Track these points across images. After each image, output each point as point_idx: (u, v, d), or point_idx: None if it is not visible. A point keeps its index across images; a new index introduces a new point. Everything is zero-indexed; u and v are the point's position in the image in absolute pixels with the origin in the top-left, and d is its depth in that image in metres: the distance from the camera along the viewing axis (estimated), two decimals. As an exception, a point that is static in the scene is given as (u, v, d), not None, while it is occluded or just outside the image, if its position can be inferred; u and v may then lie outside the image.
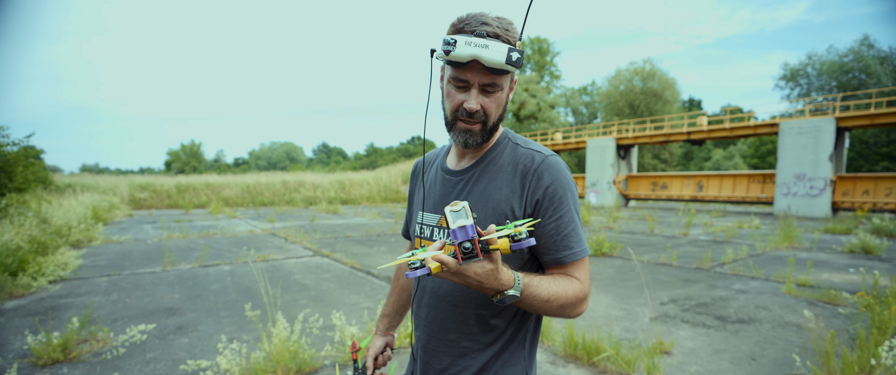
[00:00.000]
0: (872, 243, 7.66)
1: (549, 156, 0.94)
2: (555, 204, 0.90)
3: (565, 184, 0.92)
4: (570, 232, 0.91)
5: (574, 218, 0.92)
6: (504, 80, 0.90)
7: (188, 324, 3.88)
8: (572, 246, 0.90)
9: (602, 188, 24.25)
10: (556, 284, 0.88)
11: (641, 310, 4.29)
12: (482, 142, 0.94)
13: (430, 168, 1.11)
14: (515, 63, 0.83)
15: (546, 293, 0.85)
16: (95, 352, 3.19)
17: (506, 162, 0.96)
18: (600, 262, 6.85)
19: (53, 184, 16.19)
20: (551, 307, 0.86)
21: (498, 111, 0.92)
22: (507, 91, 0.93)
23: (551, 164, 0.93)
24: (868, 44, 33.37)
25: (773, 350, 3.26)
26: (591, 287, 5.24)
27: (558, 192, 0.91)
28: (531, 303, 0.85)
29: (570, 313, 0.91)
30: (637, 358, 2.80)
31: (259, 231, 11.17)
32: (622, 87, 40.12)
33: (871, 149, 32.16)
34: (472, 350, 0.96)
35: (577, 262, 0.92)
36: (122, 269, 6.26)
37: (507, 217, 0.92)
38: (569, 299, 0.88)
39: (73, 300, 4.64)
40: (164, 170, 60.90)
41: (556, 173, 0.92)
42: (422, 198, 1.06)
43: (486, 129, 0.93)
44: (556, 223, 0.90)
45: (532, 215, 0.91)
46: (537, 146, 0.98)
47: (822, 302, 4.55)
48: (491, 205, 0.94)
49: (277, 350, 2.80)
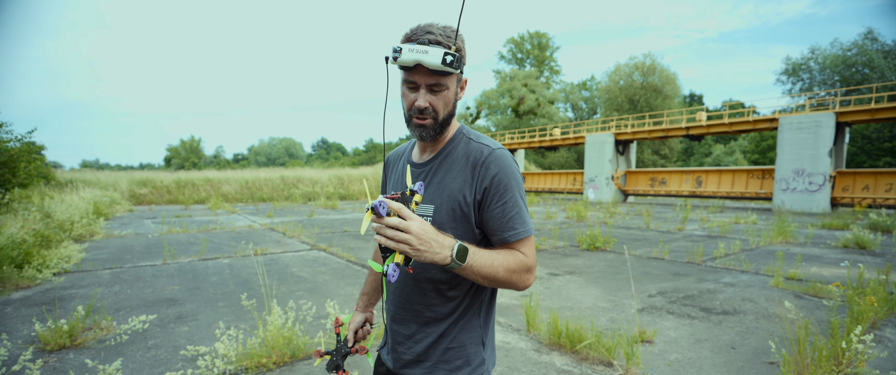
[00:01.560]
0: (866, 238, 7.73)
1: (497, 149, 1.07)
2: (500, 190, 1.03)
3: (509, 174, 1.04)
4: (514, 216, 1.03)
5: (518, 202, 1.04)
6: (449, 81, 1.02)
7: (188, 314, 4.00)
8: (516, 226, 1.03)
9: (600, 184, 24.32)
10: (498, 255, 1.00)
11: (629, 302, 4.40)
12: (435, 135, 1.07)
13: (400, 160, 1.25)
14: (450, 65, 0.95)
15: (489, 260, 0.97)
16: (100, 339, 3.31)
17: (459, 155, 1.09)
18: (593, 256, 6.96)
19: (55, 180, 16.33)
20: (497, 271, 0.97)
21: (446, 108, 1.05)
22: (456, 89, 1.06)
23: (498, 157, 1.05)
24: (872, 37, 33.20)
25: (753, 340, 3.36)
26: (581, 279, 5.37)
27: (503, 181, 1.03)
28: (478, 264, 0.95)
29: (517, 281, 1.01)
30: (617, 346, 2.91)
31: (258, 226, 11.30)
32: (622, 82, 40.05)
33: (874, 144, 32.10)
34: (433, 319, 1.10)
35: (522, 241, 1.04)
36: (124, 262, 6.38)
37: (460, 203, 1.05)
38: (511, 270, 0.99)
39: (77, 291, 4.76)
40: (164, 165, 61.09)
41: (502, 164, 1.04)
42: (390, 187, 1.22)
43: (437, 123, 1.05)
44: (501, 207, 1.03)
45: (480, 201, 1.04)
46: (487, 140, 1.10)
47: (808, 294, 4.65)
48: (446, 193, 1.07)
49: (272, 337, 2.92)
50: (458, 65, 0.98)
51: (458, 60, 0.97)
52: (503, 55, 48.38)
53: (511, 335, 3.49)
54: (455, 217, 1.05)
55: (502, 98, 42.91)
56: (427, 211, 1.08)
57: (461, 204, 1.05)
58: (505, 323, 3.76)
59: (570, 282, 5.24)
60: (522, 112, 41.82)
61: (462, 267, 0.92)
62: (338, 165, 42.74)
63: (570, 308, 4.19)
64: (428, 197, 1.09)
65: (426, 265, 1.06)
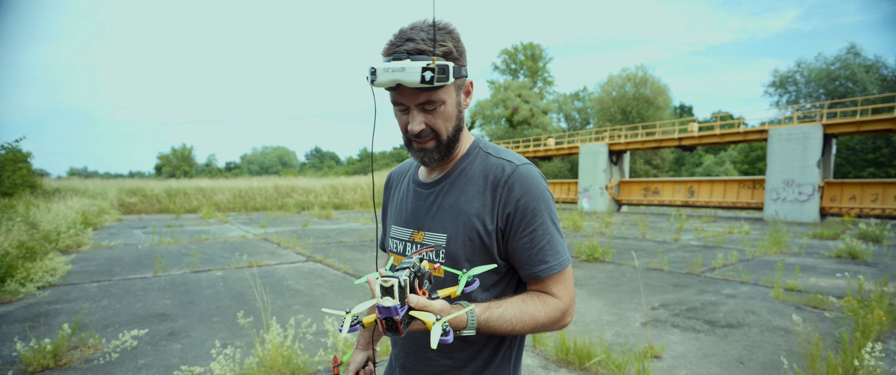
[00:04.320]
0: (859, 248, 7.79)
1: (521, 165, 0.89)
2: (527, 216, 0.86)
3: (538, 196, 0.87)
4: (544, 246, 0.86)
5: (549, 229, 0.87)
6: (442, 94, 0.84)
7: (180, 330, 3.85)
8: (548, 259, 0.87)
9: (594, 193, 24.42)
10: (524, 308, 0.84)
11: (632, 315, 4.34)
12: (441, 158, 0.91)
13: (403, 179, 1.07)
14: (429, 82, 0.78)
15: (510, 323, 0.82)
16: (87, 359, 3.16)
17: (476, 172, 0.92)
18: (592, 267, 6.91)
19: (41, 188, 15.97)
20: (523, 331, 0.84)
21: (447, 124, 0.88)
22: (458, 99, 0.89)
23: (522, 174, 0.88)
24: (855, 52, 34.10)
25: (762, 354, 3.31)
26: (583, 291, 5.30)
27: (530, 205, 0.86)
28: (496, 332, 0.82)
29: (549, 330, 0.88)
30: (628, 363, 2.84)
31: (251, 236, 11.11)
32: (614, 93, 40.54)
33: (858, 156, 32.76)
34: (451, 368, 0.93)
35: (555, 276, 0.88)
36: (113, 275, 6.19)
37: (479, 231, 0.88)
38: (539, 322, 0.85)
39: (63, 306, 4.58)
40: (155, 174, 60.29)
41: (528, 184, 0.87)
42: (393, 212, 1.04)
43: (441, 145, 0.89)
44: (529, 237, 0.86)
45: (504, 229, 0.88)
46: (509, 154, 0.93)
47: (809, 306, 4.63)
48: (462, 219, 0.89)
49: (271, 356, 2.80)
50: (447, 76, 0.80)
51: (443, 70, 0.79)
52: (497, 66, 48.79)
53: (516, 350, 3.40)
54: (473, 248, 0.88)
55: (496, 108, 43.16)
56: (439, 240, 0.90)
57: (480, 233, 0.88)
58: (508, 338, 3.67)
59: (571, 295, 5.18)
60: (516, 122, 42.06)
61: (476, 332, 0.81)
62: (332, 174, 42.52)
63: (574, 322, 4.12)
64: (439, 224, 0.91)
65: None
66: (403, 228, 0.99)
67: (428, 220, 0.94)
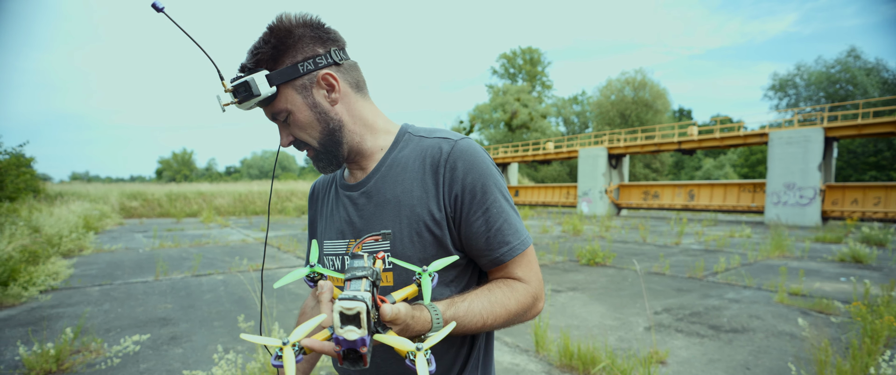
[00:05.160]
0: (862, 252, 7.77)
1: (460, 140, 0.78)
2: (477, 196, 0.75)
3: (484, 171, 0.76)
4: (501, 226, 0.76)
5: (503, 207, 0.77)
6: (280, 104, 0.75)
7: (182, 334, 3.84)
8: (509, 240, 0.76)
9: (594, 197, 24.41)
10: (492, 298, 0.75)
11: (635, 320, 4.32)
12: (332, 163, 0.82)
13: (330, 189, 0.94)
14: (235, 102, 0.73)
15: (480, 316, 0.72)
16: (89, 363, 3.15)
17: (409, 159, 0.80)
18: (594, 272, 6.89)
19: (44, 193, 15.98)
20: (495, 324, 0.75)
21: (309, 132, 0.78)
22: (304, 103, 0.76)
23: (463, 150, 0.76)
24: (855, 55, 34.20)
25: (767, 360, 3.30)
26: (585, 296, 5.28)
27: (478, 182, 0.75)
28: (466, 330, 0.73)
29: (522, 320, 0.79)
30: (633, 368, 2.82)
31: (251, 240, 11.10)
32: (613, 97, 40.63)
33: (860, 159, 32.77)
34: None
35: (518, 258, 0.78)
36: (114, 279, 6.18)
37: (426, 223, 0.76)
38: (511, 312, 0.76)
39: (65, 310, 4.57)
40: (155, 178, 60.34)
41: (472, 159, 0.76)
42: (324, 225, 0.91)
43: (321, 152, 0.80)
44: (483, 218, 0.76)
45: (453, 215, 0.77)
46: (444, 132, 0.82)
47: (815, 310, 4.61)
48: (404, 214, 0.78)
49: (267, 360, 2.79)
50: (249, 92, 0.71)
51: (244, 88, 0.71)
52: (496, 70, 48.96)
53: (520, 356, 3.39)
54: (424, 243, 0.76)
55: (495, 112, 43.24)
56: (375, 245, 0.78)
57: (428, 225, 0.76)
58: (512, 344, 3.65)
59: (574, 299, 5.16)
60: (515, 126, 42.12)
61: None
62: (331, 178, 42.52)
63: (576, 326, 4.11)
64: (378, 225, 0.79)
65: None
66: (338, 241, 0.86)
67: (364, 224, 0.81)
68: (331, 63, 0.77)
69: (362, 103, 0.83)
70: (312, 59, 0.75)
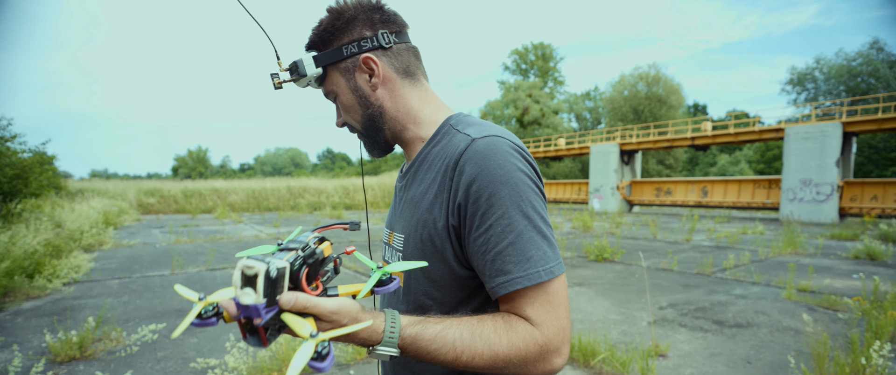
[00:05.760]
0: (878, 249, 7.63)
1: (480, 138, 0.66)
2: (480, 208, 0.62)
3: (497, 177, 0.62)
4: (504, 249, 0.61)
5: (516, 225, 0.61)
6: (330, 83, 0.77)
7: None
8: (509, 269, 0.61)
9: (605, 194, 24.24)
10: (476, 331, 0.61)
11: (640, 314, 4.35)
12: (378, 149, 0.82)
13: None
14: (290, 80, 0.75)
15: (452, 347, 0.59)
16: (109, 350, 3.31)
17: (439, 155, 0.71)
18: (601, 267, 6.91)
19: (65, 190, 16.51)
20: (473, 364, 0.60)
21: (351, 112, 0.78)
22: (349, 85, 0.75)
23: (478, 150, 0.64)
24: (878, 47, 33.18)
25: (769, 354, 3.31)
26: (591, 291, 5.31)
27: (485, 190, 0.62)
28: (432, 358, 0.60)
29: (521, 371, 0.61)
30: (632, 360, 2.87)
31: (264, 235, 11.33)
32: (626, 93, 40.16)
33: (881, 154, 31.86)
34: None
35: (528, 294, 0.61)
36: (133, 272, 6.41)
37: (430, 231, 0.68)
38: (499, 354, 0.60)
39: (87, 301, 4.78)
40: (172, 175, 61.60)
41: (483, 162, 0.63)
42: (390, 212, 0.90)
43: (363, 134, 0.81)
44: (484, 237, 0.62)
45: (457, 226, 0.66)
46: (478, 127, 0.69)
47: (822, 307, 4.58)
48: (416, 216, 0.71)
49: (283, 350, 2.90)
50: (298, 73, 0.74)
51: (294, 69, 0.74)
52: (508, 66, 48.72)
53: (522, 348, 3.45)
54: (425, 251, 0.69)
55: (507, 108, 43.10)
56: (398, 243, 0.75)
57: (432, 236, 0.68)
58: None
59: (580, 294, 5.20)
60: (527, 122, 41.93)
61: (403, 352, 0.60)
62: (343, 175, 42.92)
63: (580, 320, 4.15)
64: (402, 223, 0.75)
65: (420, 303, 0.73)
66: (385, 229, 0.85)
67: (396, 219, 0.79)
68: (376, 46, 0.73)
69: (409, 90, 0.77)
70: (357, 42, 0.73)
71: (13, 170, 8.54)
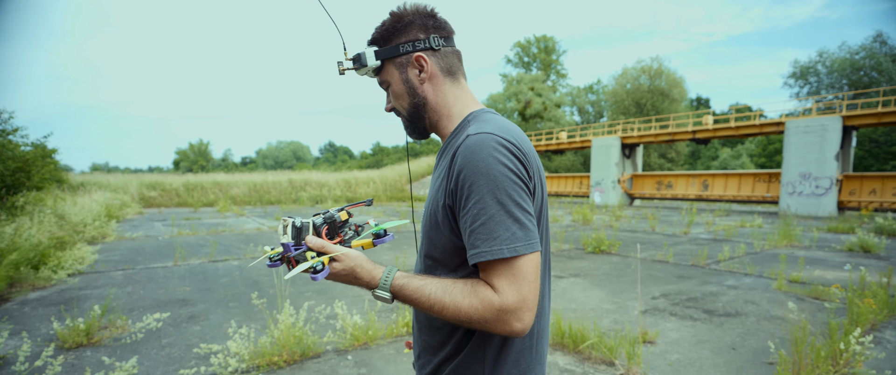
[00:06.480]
0: (871, 241, 7.71)
1: (474, 134, 0.78)
2: (464, 193, 0.76)
3: (478, 169, 0.74)
4: (478, 227, 0.74)
5: (487, 208, 0.73)
6: (384, 75, 0.92)
7: (199, 314, 4.11)
8: (477, 244, 0.74)
9: (607, 187, 24.29)
10: (448, 289, 0.76)
11: (632, 304, 4.45)
12: (416, 134, 0.96)
13: None
14: (353, 68, 0.91)
15: (428, 298, 0.76)
16: (115, 337, 3.43)
17: (451, 145, 0.86)
18: (598, 259, 7.00)
19: (67, 183, 16.64)
20: (443, 314, 0.76)
21: (399, 100, 0.93)
22: (403, 76, 0.90)
23: (468, 145, 0.77)
24: (881, 41, 32.95)
25: (754, 341, 3.40)
26: (586, 281, 5.41)
27: (468, 180, 0.75)
28: (414, 304, 0.79)
29: (482, 328, 0.75)
30: (619, 346, 2.97)
31: (266, 228, 11.44)
32: (629, 86, 40.01)
33: (882, 148, 31.77)
34: (429, 346, 0.91)
35: (495, 267, 0.73)
36: (136, 264, 6.52)
37: (436, 210, 0.84)
38: (461, 311, 0.74)
39: (91, 291, 4.89)
40: (173, 168, 61.77)
41: (470, 156, 0.75)
42: None
43: (407, 120, 0.94)
44: (465, 217, 0.76)
45: (452, 206, 0.80)
46: (479, 125, 0.82)
47: (810, 297, 4.67)
48: (431, 198, 0.87)
49: (283, 336, 3.01)
50: (361, 62, 0.89)
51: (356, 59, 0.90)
52: (510, 59, 48.54)
53: (515, 335, 3.55)
54: (431, 224, 0.85)
55: (509, 101, 43.02)
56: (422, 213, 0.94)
57: (436, 212, 0.84)
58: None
59: (575, 285, 5.30)
60: (529, 115, 41.88)
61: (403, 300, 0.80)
62: (345, 168, 43.00)
63: (574, 309, 4.25)
64: (427, 199, 0.93)
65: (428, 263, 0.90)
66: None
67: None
68: (427, 47, 0.89)
69: (449, 87, 0.92)
70: (412, 42, 0.88)
71: (15, 164, 8.64)
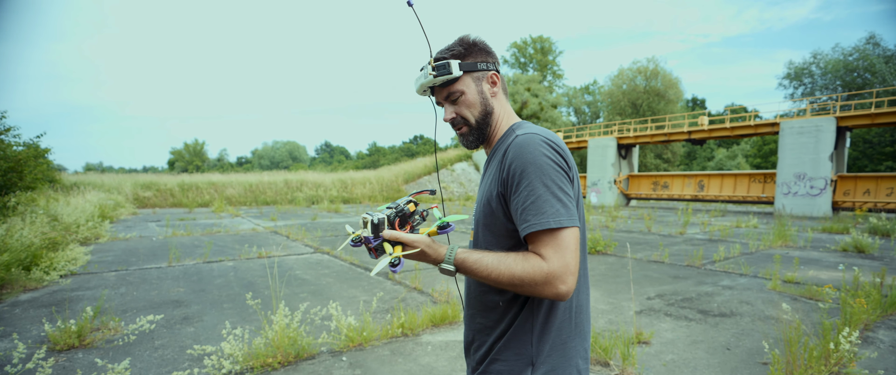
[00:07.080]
0: (865, 242, 7.76)
1: (522, 135, 0.97)
2: (516, 179, 0.94)
3: (528, 160, 0.92)
4: (528, 205, 0.90)
5: (536, 190, 0.91)
6: (460, 85, 1.05)
7: (193, 315, 4.08)
8: (527, 218, 0.90)
9: (603, 187, 24.36)
10: (503, 259, 0.91)
11: (628, 305, 4.45)
12: (478, 140, 1.09)
13: None
14: (435, 78, 1.04)
15: (486, 268, 0.91)
16: (108, 339, 3.39)
17: (500, 149, 1.04)
18: (594, 260, 7.01)
19: (60, 183, 16.49)
20: (499, 280, 0.90)
21: (471, 110, 1.07)
22: (479, 88, 1.07)
23: (518, 143, 0.96)
24: (874, 42, 33.23)
25: (748, 341, 3.41)
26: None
27: (519, 169, 0.93)
28: (474, 274, 0.93)
29: (532, 292, 0.89)
30: (614, 347, 2.97)
31: (261, 229, 11.39)
32: (625, 87, 40.16)
33: (875, 149, 32.04)
34: (484, 327, 1.04)
35: (542, 237, 0.89)
36: (129, 265, 6.47)
37: (490, 199, 1.01)
38: (515, 275, 0.88)
39: (84, 293, 4.85)
40: (168, 168, 61.38)
41: (520, 150, 0.94)
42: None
43: (473, 129, 1.08)
44: (516, 198, 0.93)
45: (504, 194, 0.98)
46: (525, 129, 1.01)
47: (805, 297, 4.70)
48: (484, 190, 1.05)
49: (278, 337, 2.99)
50: (447, 69, 1.02)
51: (443, 66, 1.02)
52: (506, 60, 48.57)
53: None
54: (485, 212, 1.03)
55: (504, 102, 43.08)
56: (475, 207, 1.11)
57: (490, 201, 1.01)
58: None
59: (570, 285, 5.29)
60: (525, 116, 41.92)
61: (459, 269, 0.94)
62: (341, 169, 42.87)
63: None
64: (479, 195, 1.11)
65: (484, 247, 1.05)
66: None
67: (478, 192, 1.13)
68: (497, 69, 1.11)
69: (504, 103, 1.12)
70: (487, 63, 1.08)
71: (7, 163, 8.56)
